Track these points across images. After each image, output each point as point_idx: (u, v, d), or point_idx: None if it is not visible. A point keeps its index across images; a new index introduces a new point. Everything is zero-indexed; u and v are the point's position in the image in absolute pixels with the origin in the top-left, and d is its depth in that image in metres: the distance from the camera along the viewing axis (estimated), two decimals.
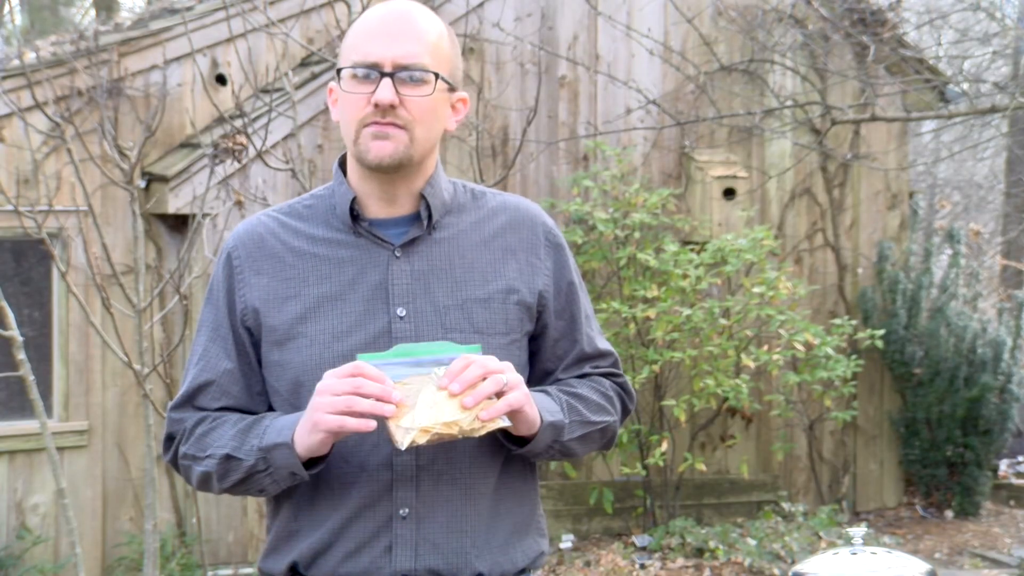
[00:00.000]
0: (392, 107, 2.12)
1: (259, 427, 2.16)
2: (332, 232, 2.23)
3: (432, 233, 2.23)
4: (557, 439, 2.18)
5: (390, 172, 2.17)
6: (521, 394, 2.08)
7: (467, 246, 2.24)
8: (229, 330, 2.24)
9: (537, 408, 2.14)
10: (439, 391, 2.02)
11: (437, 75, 2.16)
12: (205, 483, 2.23)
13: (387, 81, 2.12)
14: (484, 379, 2.04)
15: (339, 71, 2.17)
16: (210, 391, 2.24)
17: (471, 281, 2.22)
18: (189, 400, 2.25)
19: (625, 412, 2.36)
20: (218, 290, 2.26)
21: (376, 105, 2.12)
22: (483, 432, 2.04)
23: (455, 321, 2.19)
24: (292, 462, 2.10)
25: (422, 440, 2.01)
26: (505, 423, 2.07)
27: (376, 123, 2.14)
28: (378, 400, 2.01)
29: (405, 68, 2.13)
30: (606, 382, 2.34)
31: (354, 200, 2.21)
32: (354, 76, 2.15)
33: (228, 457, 2.16)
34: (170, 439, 2.27)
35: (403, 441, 2.01)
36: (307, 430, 2.07)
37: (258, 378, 2.25)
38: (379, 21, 2.17)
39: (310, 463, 2.12)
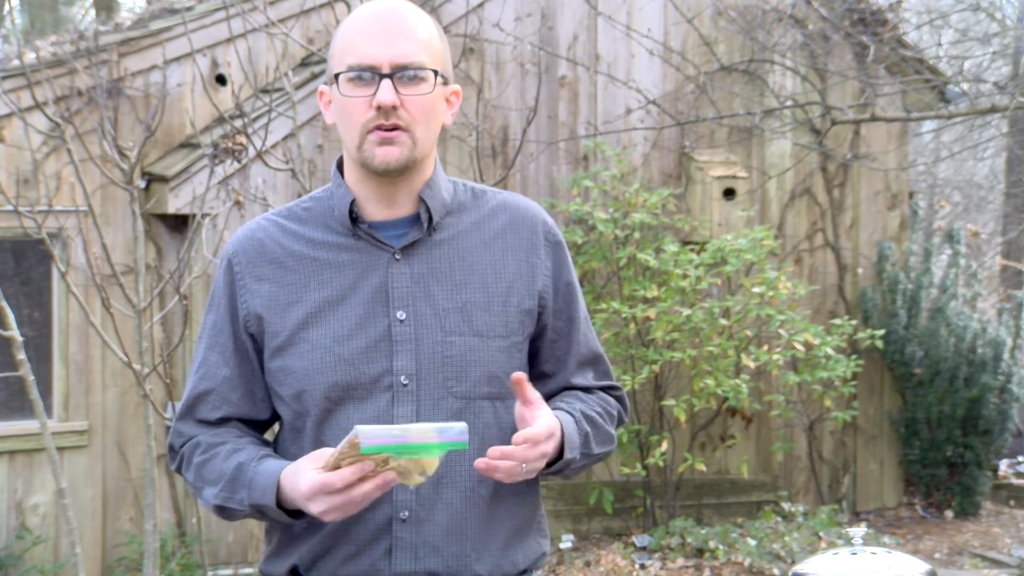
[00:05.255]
0: (394, 108, 2.12)
1: (244, 476, 2.15)
2: (331, 235, 2.22)
3: (432, 235, 2.22)
4: (559, 471, 2.20)
5: (394, 175, 2.17)
6: (537, 469, 2.11)
7: (467, 248, 2.23)
8: (230, 336, 2.23)
9: (562, 441, 2.14)
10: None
11: (436, 72, 2.15)
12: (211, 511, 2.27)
13: (387, 83, 2.11)
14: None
15: (336, 76, 2.15)
16: (210, 400, 2.24)
17: (471, 284, 2.21)
18: (190, 411, 2.26)
19: (620, 425, 2.38)
20: (220, 296, 2.25)
21: (378, 108, 2.11)
22: None
23: (455, 324, 2.18)
24: (283, 518, 2.13)
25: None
26: None
27: (380, 128, 2.12)
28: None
29: (403, 68, 2.12)
30: (613, 401, 2.35)
31: (353, 202, 2.20)
32: (351, 80, 2.14)
33: (221, 507, 2.19)
34: (173, 450, 2.29)
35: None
36: (304, 506, 2.06)
37: (261, 384, 2.24)
38: (371, 21, 2.15)
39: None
